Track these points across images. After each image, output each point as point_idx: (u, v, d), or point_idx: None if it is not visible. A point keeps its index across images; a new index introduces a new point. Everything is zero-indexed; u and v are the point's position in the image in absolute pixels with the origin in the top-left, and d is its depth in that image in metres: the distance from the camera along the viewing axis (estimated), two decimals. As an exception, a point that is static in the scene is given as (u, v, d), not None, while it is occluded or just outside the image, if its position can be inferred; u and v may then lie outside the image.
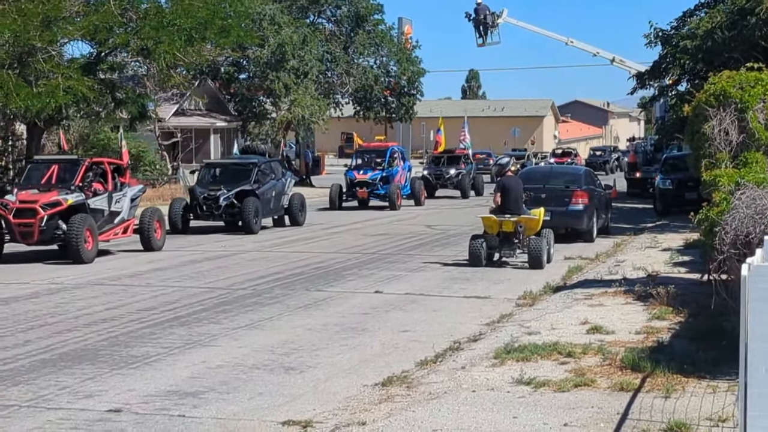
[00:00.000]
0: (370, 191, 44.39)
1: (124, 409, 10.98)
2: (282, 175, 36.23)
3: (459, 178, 53.08)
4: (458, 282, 21.21)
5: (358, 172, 45.43)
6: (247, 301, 18.59)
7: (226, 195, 32.89)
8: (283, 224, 35.39)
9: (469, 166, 55.48)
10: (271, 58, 57.27)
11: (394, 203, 43.43)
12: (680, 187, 38.10)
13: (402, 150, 49.70)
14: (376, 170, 45.25)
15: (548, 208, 26.46)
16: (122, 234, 27.45)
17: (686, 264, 22.39)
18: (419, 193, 46.84)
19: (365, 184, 44.52)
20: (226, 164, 36.89)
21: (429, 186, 51.75)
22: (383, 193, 44.11)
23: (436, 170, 54.17)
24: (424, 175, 52.89)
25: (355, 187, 44.78)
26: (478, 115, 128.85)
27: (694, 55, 37.50)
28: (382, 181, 44.65)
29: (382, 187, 44.32)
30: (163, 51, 36.34)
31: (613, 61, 62.93)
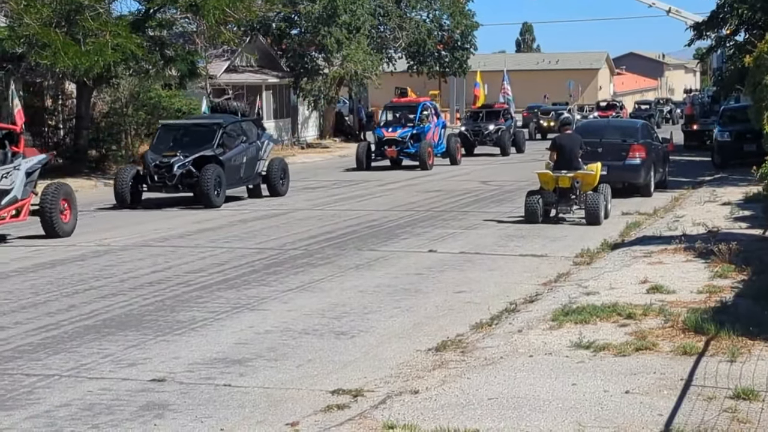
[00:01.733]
0: (399, 150, 41.79)
1: (168, 378, 10.63)
2: (257, 137, 31.57)
3: (498, 135, 50.43)
4: (514, 239, 20.78)
5: (387, 129, 42.63)
6: (298, 261, 18.26)
7: (182, 162, 28.35)
8: (259, 194, 31.10)
9: (509, 122, 52.58)
10: (323, 13, 56.73)
11: (425, 162, 40.79)
12: (739, 139, 37.46)
13: (434, 105, 46.92)
14: (406, 127, 42.41)
15: (605, 163, 25.92)
16: (13, 218, 21.92)
17: (747, 219, 21.82)
18: (455, 151, 44.22)
19: (394, 142, 41.82)
20: (186, 126, 31.36)
21: (467, 143, 49.33)
22: (414, 152, 41.54)
23: (474, 126, 51.37)
24: (461, 132, 50.60)
25: (383, 145, 42.10)
26: (532, 68, 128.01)
27: (753, 5, 36.70)
28: (412, 138, 42.07)
29: (413, 145, 41.77)
30: (212, 7, 35.93)
31: (669, 12, 62.01)
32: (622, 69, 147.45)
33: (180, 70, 39.64)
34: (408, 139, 41.81)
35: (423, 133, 42.50)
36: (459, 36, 70.99)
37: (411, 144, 41.76)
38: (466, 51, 71.83)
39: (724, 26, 43.85)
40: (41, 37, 32.97)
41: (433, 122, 43.97)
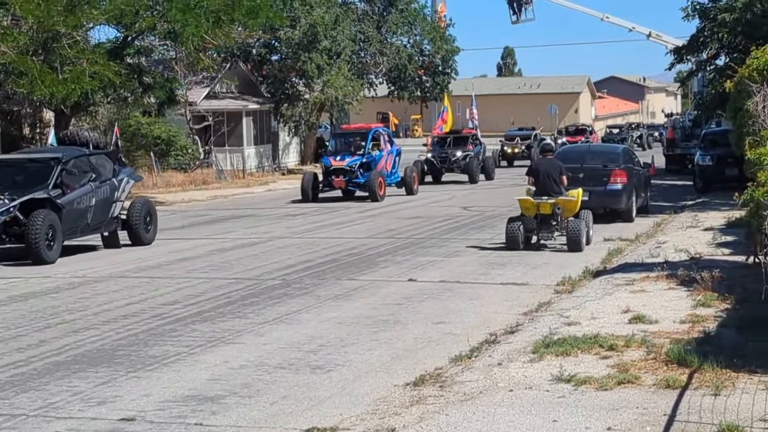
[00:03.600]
0: (348, 179, 38.92)
1: (138, 417, 10.35)
2: (113, 173, 25.98)
3: (466, 161, 47.97)
4: (495, 267, 20.56)
5: (335, 158, 39.73)
6: (275, 292, 17.99)
7: (5, 207, 22.63)
8: (117, 243, 25.82)
9: (477, 148, 50.21)
10: (303, 39, 56.65)
11: (375, 193, 38.09)
12: (720, 163, 37.37)
13: (388, 132, 44.32)
14: (355, 155, 39.56)
15: (586, 188, 25.82)
16: None
17: (730, 245, 21.68)
18: (411, 181, 41.23)
19: (342, 172, 38.98)
20: (18, 162, 25.37)
21: (434, 170, 47.75)
22: (363, 182, 38.75)
23: (441, 152, 48.83)
24: (427, 158, 48.18)
25: (331, 175, 39.22)
26: (514, 92, 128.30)
27: (733, 29, 36.66)
28: (362, 167, 39.21)
29: (363, 174, 38.94)
30: (190, 34, 35.73)
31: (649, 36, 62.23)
32: (604, 93, 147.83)
33: (159, 97, 39.47)
34: (357, 168, 39.17)
35: (374, 162, 40.02)
36: (440, 61, 71.02)
37: (360, 173, 39.15)
38: (447, 76, 71.83)
39: (705, 50, 43.86)
40: (18, 65, 32.73)
41: (386, 150, 41.60)
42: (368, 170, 39.12)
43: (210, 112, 54.66)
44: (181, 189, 44.77)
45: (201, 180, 48.17)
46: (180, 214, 34.80)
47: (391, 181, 41.00)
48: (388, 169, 41.16)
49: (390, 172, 41.38)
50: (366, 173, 38.95)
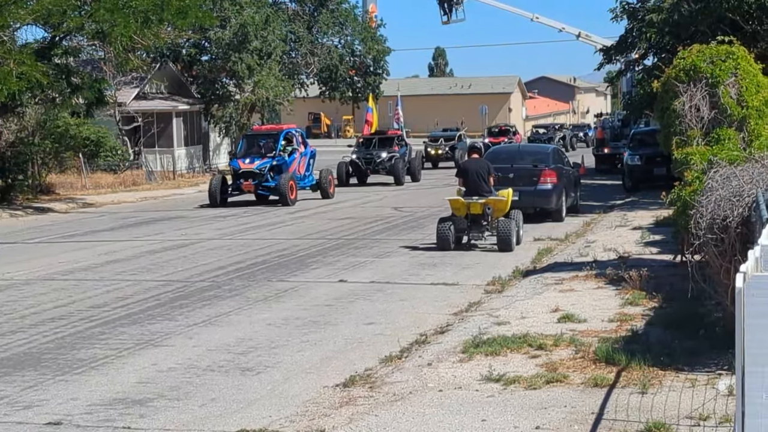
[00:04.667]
0: (257, 183, 37.35)
1: (64, 421, 10.25)
2: None
3: (392, 163, 46.86)
4: (426, 268, 20.58)
5: (244, 160, 38.08)
6: (205, 294, 17.89)
7: None
8: None
9: (403, 149, 48.85)
10: (233, 39, 56.39)
11: (286, 197, 36.48)
12: (649, 162, 37.72)
13: (302, 133, 42.53)
14: (265, 158, 37.96)
15: (516, 189, 25.94)
16: None
17: (657, 243, 21.88)
18: (327, 184, 39.93)
19: (252, 175, 37.42)
20: None
21: (359, 172, 46.86)
22: (273, 186, 37.14)
23: (366, 154, 47.66)
24: (352, 160, 47.24)
25: (240, 178, 37.74)
26: (445, 92, 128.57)
27: (661, 29, 36.94)
28: (272, 170, 37.69)
29: (273, 178, 37.41)
30: (119, 34, 35.40)
31: (579, 37, 62.60)
32: (534, 93, 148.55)
33: (87, 98, 39.01)
34: (267, 172, 37.57)
35: (285, 165, 38.31)
36: (371, 61, 71.04)
37: (271, 177, 37.53)
38: (378, 76, 71.89)
39: (633, 50, 44.20)
40: (-57, 66, 32.29)
41: (299, 152, 39.85)
42: (279, 173, 37.57)
43: (140, 113, 54.22)
44: (110, 190, 44.41)
45: (131, 181, 47.80)
46: (109, 216, 34.50)
47: (305, 184, 39.72)
48: (301, 171, 39.59)
49: (303, 175, 39.83)
50: (277, 176, 37.38)
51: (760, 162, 13.06)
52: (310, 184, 40.15)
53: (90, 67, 44.13)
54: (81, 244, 26.62)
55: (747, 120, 17.26)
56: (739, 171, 12.62)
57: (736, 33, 25.85)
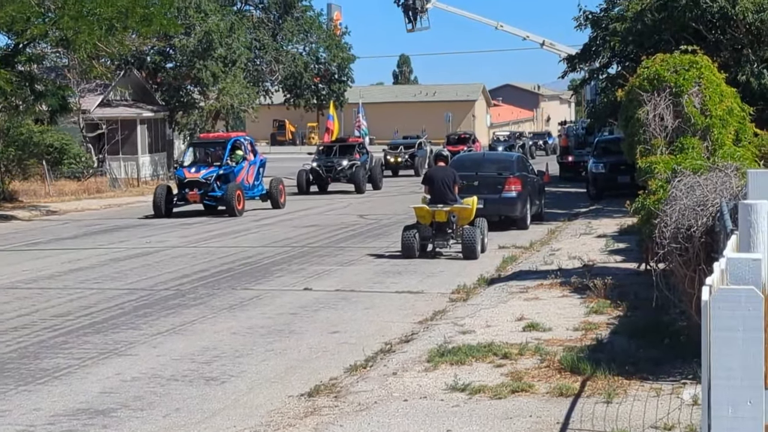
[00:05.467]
0: (203, 193, 36.12)
1: (27, 432, 10.19)
2: None
3: (353, 171, 46.50)
4: (390, 276, 20.57)
5: (190, 169, 36.92)
6: (169, 302, 17.81)
7: None
8: None
9: (364, 157, 48.49)
10: (198, 47, 56.32)
11: (233, 208, 35.33)
12: (613, 170, 37.85)
13: (251, 141, 41.26)
14: (212, 167, 36.96)
15: (481, 196, 25.98)
16: None
17: (622, 252, 21.96)
18: (278, 193, 38.71)
19: (197, 185, 36.23)
20: None
21: (319, 180, 46.44)
22: (220, 195, 35.95)
23: (326, 161, 47.26)
24: (313, 168, 46.76)
25: (185, 188, 36.46)
26: (410, 100, 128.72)
27: (624, 38, 37.10)
28: (219, 180, 36.51)
29: (220, 187, 36.22)
30: (83, 41, 35.28)
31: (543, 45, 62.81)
32: (499, 100, 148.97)
33: (51, 105, 38.86)
34: (213, 181, 36.42)
35: (232, 174, 37.11)
36: (336, 69, 71.05)
37: (217, 186, 36.36)
38: (343, 84, 71.93)
39: (597, 59, 44.33)
40: None
41: (248, 160, 38.59)
42: (227, 182, 36.36)
43: (104, 120, 54.07)
44: (74, 198, 44.17)
45: (95, 188, 47.60)
46: (73, 224, 34.32)
47: (254, 194, 38.62)
48: (249, 181, 38.41)
49: (252, 184, 38.65)
50: (224, 186, 36.18)
51: (723, 171, 13.11)
52: (260, 194, 39.01)
53: (54, 74, 43.98)
54: (44, 252, 26.46)
55: (711, 129, 17.36)
56: (702, 180, 12.66)
57: (699, 42, 25.97)
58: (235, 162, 37.77)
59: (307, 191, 45.77)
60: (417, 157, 60.80)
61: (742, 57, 32.45)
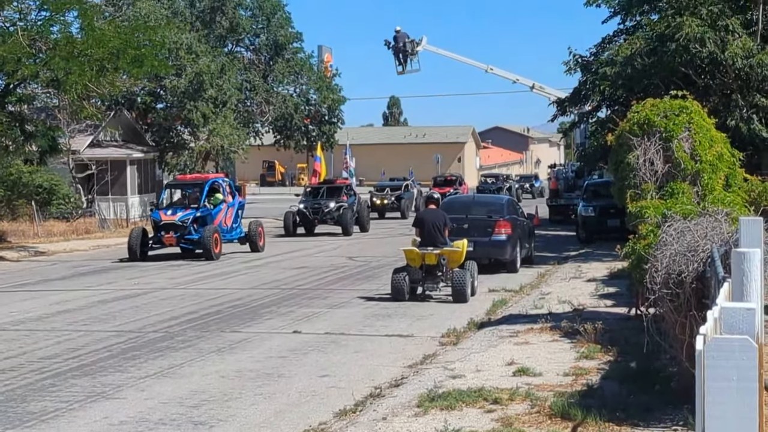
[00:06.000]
0: (179, 236, 35.17)
1: (13, 477, 10.10)
2: None
3: (340, 213, 45.76)
4: (380, 319, 20.50)
5: (166, 212, 35.97)
6: (158, 345, 17.72)
7: None
8: None
9: (351, 198, 47.95)
10: (189, 88, 56.39)
11: (210, 251, 34.43)
12: (603, 214, 37.88)
13: (230, 183, 40.45)
14: (189, 209, 35.99)
15: (471, 239, 25.96)
16: None
17: (612, 296, 21.94)
18: (256, 237, 37.79)
19: (173, 227, 35.25)
20: None
21: (306, 222, 45.79)
22: (197, 239, 35.03)
23: (313, 203, 46.51)
24: (299, 209, 46.15)
25: (161, 230, 35.43)
26: (400, 141, 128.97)
27: (614, 82, 37.22)
28: (196, 222, 35.55)
29: (197, 230, 35.32)
30: (74, 82, 35.27)
31: (533, 88, 62.88)
32: (488, 143, 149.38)
33: (41, 145, 38.83)
34: (190, 224, 35.36)
35: (210, 216, 36.20)
36: (326, 110, 71.15)
37: (194, 229, 35.40)
38: (333, 125, 71.97)
39: (587, 102, 44.47)
40: None
41: (226, 202, 37.67)
42: (204, 225, 35.44)
43: (93, 161, 54.05)
44: (62, 238, 44.04)
45: (83, 229, 47.47)
46: (61, 265, 34.21)
47: (233, 237, 37.80)
48: (228, 223, 37.51)
49: (230, 227, 37.75)
50: (201, 229, 35.24)
51: (714, 216, 13.11)
52: (238, 237, 38.11)
53: (44, 115, 44.02)
54: (32, 293, 26.36)
55: (701, 174, 17.37)
56: (693, 225, 12.65)
57: (689, 87, 26.07)
58: (213, 204, 36.94)
59: (294, 233, 45.43)
60: (403, 199, 60.49)
61: (731, 102, 32.58)
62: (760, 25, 32.78)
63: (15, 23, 36.73)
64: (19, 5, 37.09)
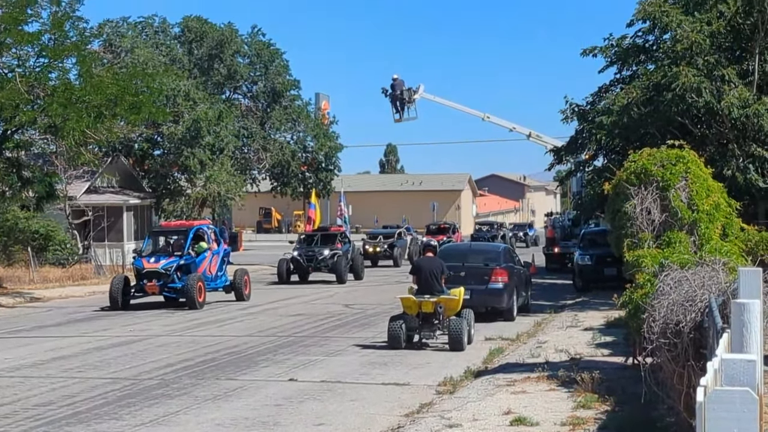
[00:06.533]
0: (162, 284, 34.31)
1: None
2: None
3: (334, 260, 45.55)
4: (377, 367, 20.43)
5: (148, 259, 35.20)
6: (153, 392, 17.64)
7: None
8: None
9: (346, 246, 47.84)
10: (186, 134, 56.56)
11: (194, 300, 33.37)
12: (599, 262, 37.92)
13: (216, 230, 39.74)
14: (172, 257, 35.29)
15: (468, 287, 25.97)
16: None
17: (609, 345, 21.89)
18: (242, 285, 36.92)
19: (156, 275, 34.43)
20: None
21: (300, 269, 45.64)
22: (180, 287, 34.09)
23: (308, 251, 46.34)
24: (293, 257, 45.96)
25: (143, 278, 34.59)
26: (396, 189, 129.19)
27: (611, 131, 37.30)
28: (179, 270, 34.79)
29: (180, 278, 34.51)
30: (71, 128, 35.38)
31: (529, 137, 63.02)
32: (485, 190, 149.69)
33: (37, 191, 38.86)
34: (173, 272, 34.63)
35: (194, 264, 35.31)
36: (323, 157, 71.30)
37: (177, 277, 34.59)
38: (330, 172, 72.14)
39: (583, 151, 44.54)
40: None
41: (211, 250, 36.67)
42: (187, 273, 34.59)
43: (90, 207, 54.08)
44: (58, 284, 43.98)
45: (79, 275, 47.41)
46: (57, 311, 34.13)
47: (217, 285, 36.88)
48: (212, 271, 36.58)
49: (215, 275, 36.82)
50: (184, 277, 34.37)
51: (711, 266, 13.11)
52: (223, 285, 37.27)
53: (41, 161, 44.06)
54: (27, 339, 26.28)
55: (698, 223, 17.40)
56: (690, 275, 12.65)
57: (685, 137, 26.16)
58: (197, 252, 36.02)
59: (288, 280, 45.22)
60: (396, 247, 59.93)
61: (728, 152, 32.68)
62: (756, 75, 32.94)
63: (13, 69, 36.89)
64: (17, 51, 37.24)
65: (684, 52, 32.36)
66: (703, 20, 32.96)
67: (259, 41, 69.10)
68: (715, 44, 32.81)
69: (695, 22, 32.79)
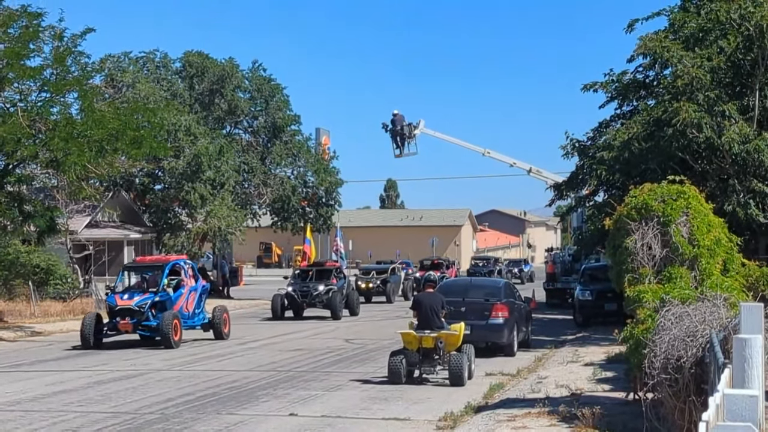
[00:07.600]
0: (136, 322, 32.67)
1: None
2: None
3: (329, 296, 44.98)
4: (377, 402, 20.41)
5: (122, 296, 33.51)
6: (153, 427, 17.62)
7: None
8: None
9: (341, 281, 47.25)
10: (187, 169, 56.65)
11: (169, 339, 31.91)
12: (600, 298, 37.92)
13: (193, 265, 37.87)
14: (147, 293, 33.55)
15: (468, 322, 26.00)
16: None
17: (610, 380, 21.85)
18: (221, 323, 35.52)
19: (129, 313, 32.79)
20: None
21: (294, 304, 45.14)
22: (155, 325, 32.45)
23: (302, 286, 45.83)
24: (288, 292, 45.44)
25: (116, 316, 32.91)
26: (396, 224, 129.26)
27: (611, 166, 37.33)
28: (154, 307, 33.22)
29: (155, 316, 32.96)
30: (72, 162, 35.46)
31: (530, 172, 63.07)
32: (485, 225, 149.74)
33: (39, 226, 38.90)
34: (148, 309, 32.95)
35: (170, 301, 33.73)
36: (323, 192, 71.37)
37: (152, 315, 33.01)
38: (330, 207, 72.15)
39: (584, 186, 44.57)
40: None
41: (187, 286, 35.15)
42: (163, 310, 33.07)
43: (91, 241, 54.13)
44: (59, 319, 43.93)
45: (80, 309, 47.27)
46: (57, 345, 34.09)
47: (195, 323, 35.35)
48: (189, 309, 35.05)
49: (192, 312, 35.25)
50: (159, 314, 32.87)
51: (712, 301, 13.13)
52: (201, 323, 35.68)
53: (42, 195, 44.11)
54: (28, 373, 26.25)
55: (698, 259, 17.40)
56: (691, 310, 12.67)
57: (686, 172, 26.22)
58: (173, 288, 34.52)
59: (282, 316, 44.81)
60: (389, 283, 59.37)
61: (728, 187, 32.69)
62: (756, 110, 33.00)
63: (15, 104, 37.01)
64: (19, 86, 37.39)
65: (684, 88, 32.42)
66: (703, 56, 33.07)
67: (259, 76, 69.30)
68: (716, 80, 32.88)
69: (696, 57, 32.88)
